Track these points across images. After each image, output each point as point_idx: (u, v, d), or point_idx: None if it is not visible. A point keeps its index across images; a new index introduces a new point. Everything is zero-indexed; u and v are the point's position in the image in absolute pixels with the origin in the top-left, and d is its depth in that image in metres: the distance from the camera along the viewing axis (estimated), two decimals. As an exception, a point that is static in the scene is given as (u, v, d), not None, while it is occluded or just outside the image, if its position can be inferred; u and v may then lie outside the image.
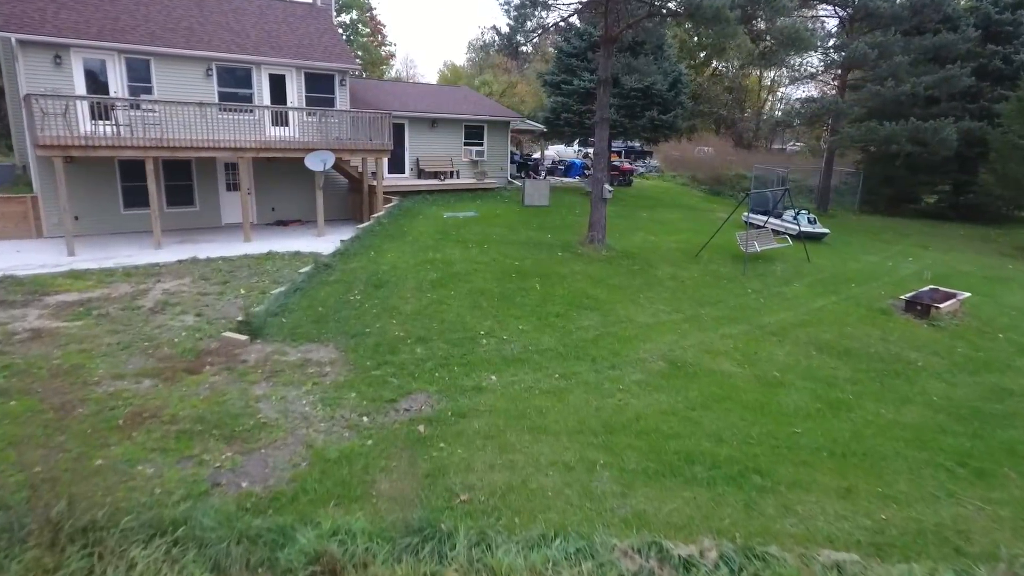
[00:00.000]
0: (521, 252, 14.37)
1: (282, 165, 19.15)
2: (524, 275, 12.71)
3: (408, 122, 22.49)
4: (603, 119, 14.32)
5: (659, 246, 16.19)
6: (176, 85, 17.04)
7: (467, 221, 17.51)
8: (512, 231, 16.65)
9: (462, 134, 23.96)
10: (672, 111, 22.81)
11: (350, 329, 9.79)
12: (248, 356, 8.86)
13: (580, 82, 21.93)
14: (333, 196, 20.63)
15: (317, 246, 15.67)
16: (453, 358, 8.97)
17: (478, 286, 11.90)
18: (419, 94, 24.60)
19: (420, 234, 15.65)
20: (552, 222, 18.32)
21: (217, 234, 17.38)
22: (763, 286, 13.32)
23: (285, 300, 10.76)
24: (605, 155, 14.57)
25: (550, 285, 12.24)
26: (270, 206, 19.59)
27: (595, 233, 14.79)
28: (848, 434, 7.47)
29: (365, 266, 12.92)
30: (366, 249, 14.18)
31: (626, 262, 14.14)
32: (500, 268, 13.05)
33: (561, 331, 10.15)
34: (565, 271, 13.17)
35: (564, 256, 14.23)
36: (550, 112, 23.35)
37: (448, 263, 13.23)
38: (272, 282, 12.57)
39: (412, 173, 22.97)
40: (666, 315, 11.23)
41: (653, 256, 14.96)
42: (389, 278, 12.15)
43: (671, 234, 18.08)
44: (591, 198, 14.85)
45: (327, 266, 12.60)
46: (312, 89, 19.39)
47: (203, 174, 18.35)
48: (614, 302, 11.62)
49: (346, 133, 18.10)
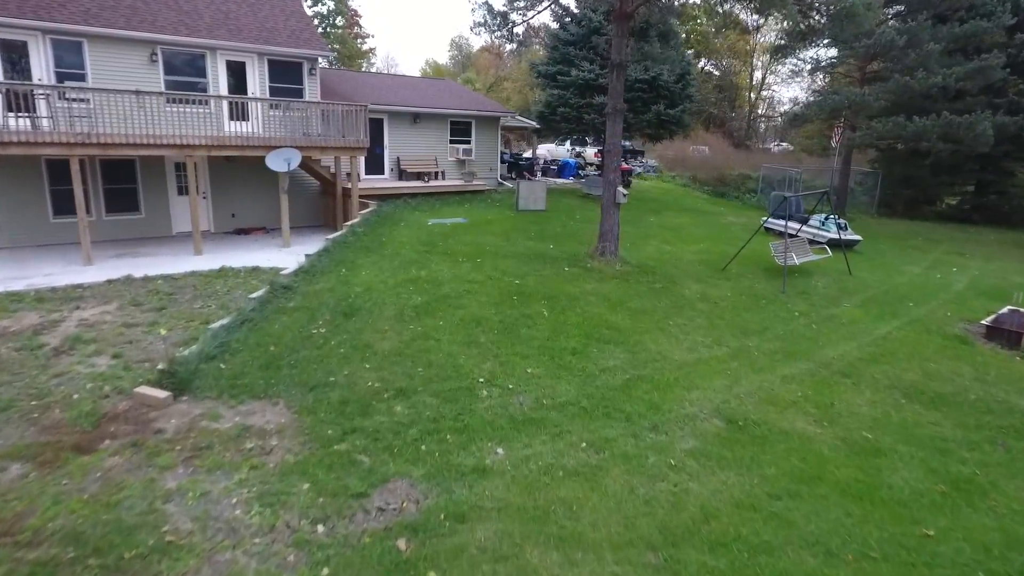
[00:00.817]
0: (521, 267, 12.17)
1: (243, 165, 16.75)
2: (527, 297, 10.50)
3: (387, 117, 20.17)
4: (616, 110, 12.17)
5: (678, 257, 14.08)
6: (115, 72, 14.60)
7: (455, 229, 15.26)
8: (508, 241, 14.43)
9: (448, 131, 21.70)
10: (679, 105, 20.77)
11: (309, 378, 7.50)
12: (166, 422, 6.56)
13: (579, 73, 19.78)
14: (303, 200, 18.27)
15: (280, 260, 13.33)
16: (444, 420, 6.73)
17: (473, 313, 9.67)
18: (399, 87, 22.30)
19: (401, 245, 13.38)
20: (552, 229, 16.13)
21: (164, 246, 14.95)
22: (810, 307, 11.25)
23: (227, 336, 8.44)
24: (617, 152, 12.43)
25: (560, 310, 10.05)
26: (229, 212, 17.18)
27: (607, 244, 12.63)
28: (998, 537, 5.36)
29: (334, 287, 10.63)
30: (336, 265, 11.88)
31: (645, 279, 11.99)
32: (498, 289, 10.84)
33: (581, 375, 7.95)
34: (576, 291, 10.98)
35: (572, 272, 12.04)
36: (544, 106, 21.16)
37: (435, 282, 10.98)
38: (220, 307, 10.27)
39: (392, 174, 20.66)
40: (706, 349, 9.08)
41: (675, 270, 12.83)
42: (363, 303, 9.88)
43: (687, 242, 15.99)
44: (602, 203, 12.69)
45: (286, 288, 10.29)
46: (277, 79, 17.02)
47: (150, 176, 15.90)
48: (640, 332, 9.45)
49: (316, 128, 15.76)
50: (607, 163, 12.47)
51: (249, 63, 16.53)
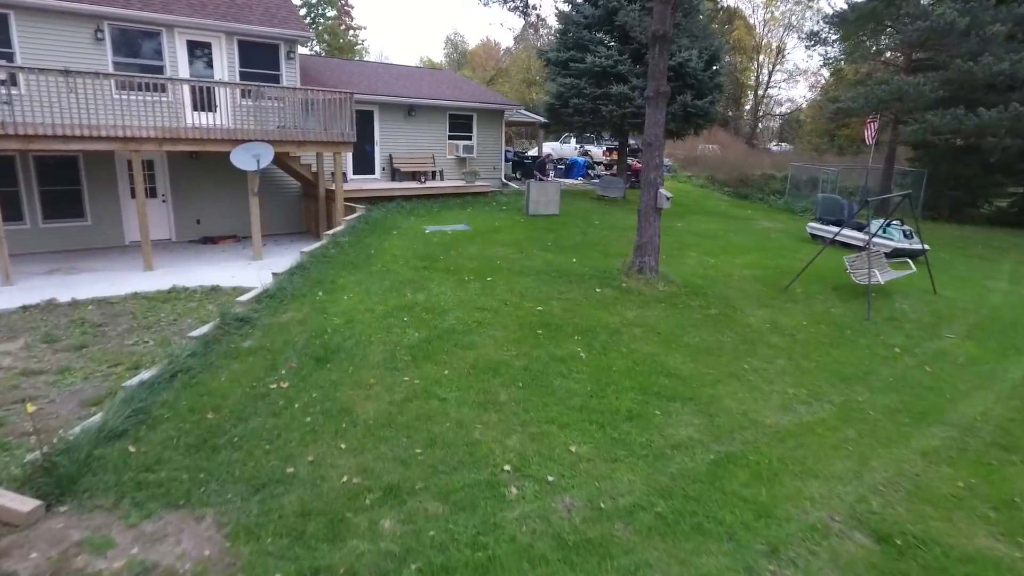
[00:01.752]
0: (542, 288, 9.82)
1: (210, 164, 14.37)
2: (556, 331, 8.16)
3: (378, 109, 17.80)
4: (659, 93, 9.83)
5: (727, 273, 11.75)
6: (51, 52, 12.20)
7: (458, 238, 12.91)
8: (522, 253, 12.08)
9: (446, 125, 19.34)
10: (708, 96, 18.47)
11: (256, 469, 5.13)
12: (21, 559, 4.18)
13: (595, 59, 17.42)
14: (281, 204, 15.88)
15: (247, 277, 10.95)
16: (457, 547, 4.37)
17: (487, 356, 7.31)
18: (392, 76, 19.93)
19: (394, 260, 11.01)
20: (570, 238, 13.79)
21: (112, 259, 12.53)
22: (908, 340, 8.94)
23: (149, 398, 6.05)
24: (659, 145, 10.09)
25: (600, 350, 7.70)
26: (194, 218, 14.78)
27: (646, 258, 10.30)
28: None
29: (306, 319, 8.25)
30: (311, 287, 9.49)
31: (697, 302, 9.67)
32: (516, 319, 8.48)
33: (646, 454, 5.61)
34: (615, 322, 8.64)
35: (606, 294, 9.71)
36: (555, 98, 18.79)
37: (436, 310, 8.62)
38: (160, 343, 7.93)
39: (384, 174, 18.29)
40: (804, 406, 6.75)
41: (728, 290, 10.50)
42: (342, 342, 7.51)
43: (730, 253, 13.67)
44: (639, 208, 10.35)
45: (242, 321, 7.89)
46: (249, 63, 14.64)
47: (97, 175, 13.49)
48: (710, 382, 7.12)
49: (294, 119, 13.38)
50: (647, 158, 10.13)
51: (215, 44, 14.14)
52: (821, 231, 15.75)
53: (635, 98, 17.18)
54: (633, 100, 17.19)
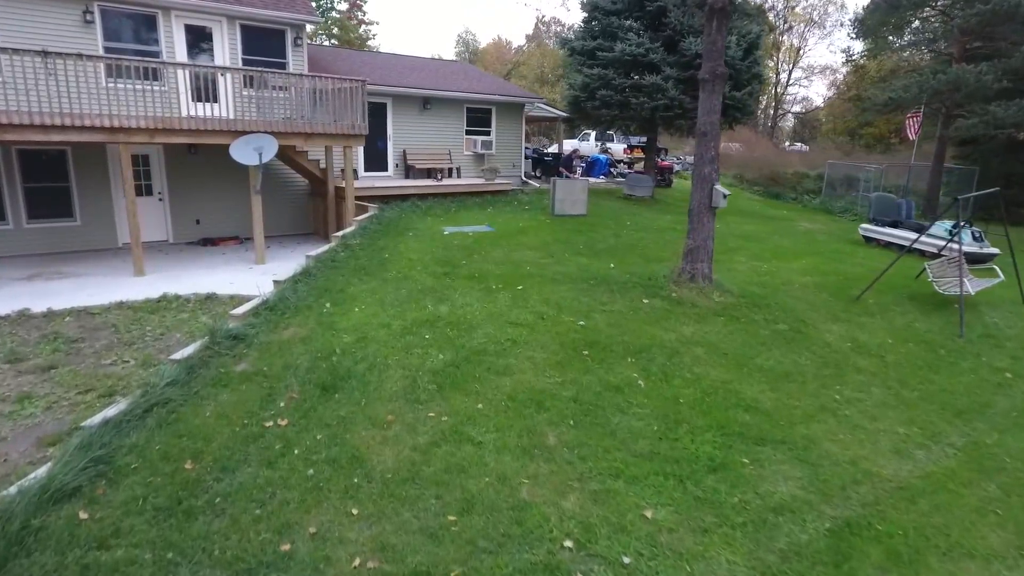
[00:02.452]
0: (581, 298, 8.58)
1: (211, 159, 13.26)
2: (604, 352, 6.91)
3: (391, 102, 16.62)
4: (717, 75, 8.56)
5: (786, 281, 10.45)
6: (34, 35, 11.10)
7: (480, 240, 11.69)
8: (552, 257, 10.83)
9: (463, 119, 18.13)
10: (747, 86, 17.13)
11: (242, 548, 3.92)
12: None
13: (625, 46, 16.12)
14: (287, 203, 14.74)
15: (248, 283, 9.80)
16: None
17: (527, 384, 6.07)
18: (405, 67, 18.75)
19: (411, 265, 9.80)
20: (603, 240, 12.53)
21: (101, 263, 11.42)
22: (1013, 361, 7.62)
23: (115, 440, 4.86)
24: (715, 135, 8.82)
25: (660, 375, 6.44)
26: (193, 217, 13.65)
27: (698, 265, 9.03)
28: None
29: (311, 336, 7.04)
30: (318, 296, 8.30)
31: (760, 315, 8.38)
32: (556, 335, 7.24)
33: (743, 524, 4.35)
34: (671, 339, 7.38)
35: (655, 305, 8.44)
36: (580, 90, 17.51)
37: (462, 326, 7.39)
38: (142, 364, 6.79)
39: (397, 171, 17.11)
40: (922, 450, 5.46)
41: (792, 301, 9.21)
42: (352, 366, 6.29)
43: (782, 258, 12.35)
44: (691, 208, 9.09)
45: (236, 339, 6.69)
46: (253, 49, 13.50)
47: (88, 171, 12.39)
48: (799, 417, 5.84)
49: (300, 110, 12.22)
50: (701, 150, 8.86)
51: (216, 29, 13.00)
52: (876, 233, 14.40)
53: (668, 89, 15.89)
54: (666, 91, 15.90)
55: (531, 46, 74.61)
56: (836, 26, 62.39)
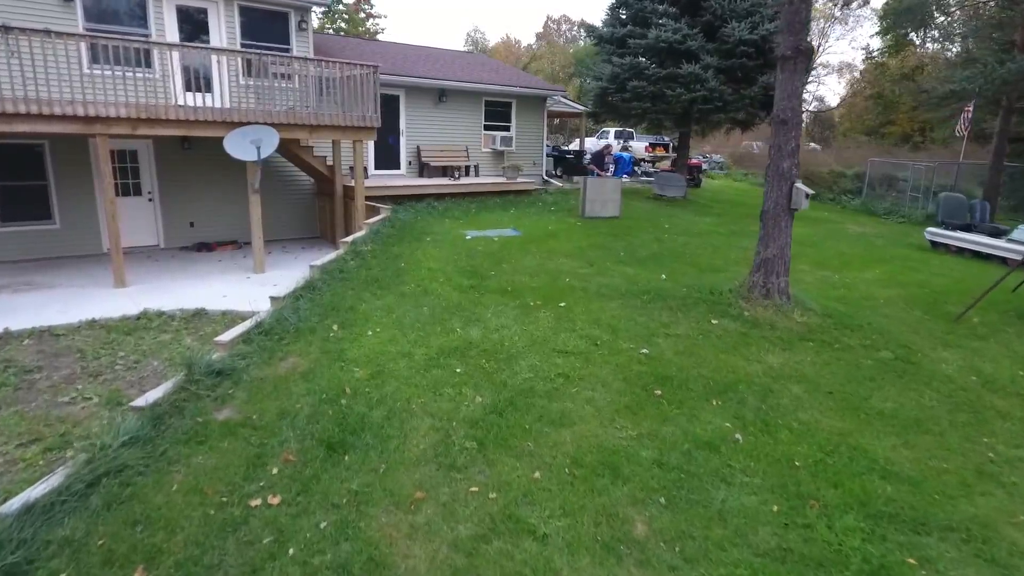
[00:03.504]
0: (635, 317, 7.18)
1: (207, 154, 11.96)
2: (680, 390, 5.51)
3: (404, 93, 15.27)
4: (800, 51, 7.14)
5: (865, 295, 9.02)
6: (9, 16, 9.80)
7: (507, 246, 10.31)
8: (593, 266, 9.44)
9: (481, 113, 16.77)
10: (793, 76, 15.68)
11: None
12: None
13: (660, 33, 14.71)
14: (291, 204, 13.42)
15: (245, 296, 8.48)
16: None
17: (593, 439, 4.68)
18: (419, 57, 17.40)
19: (431, 276, 8.43)
20: (645, 247, 11.12)
21: (82, 271, 10.12)
22: None
23: (38, 533, 3.50)
24: (796, 123, 7.38)
25: (759, 424, 5.03)
26: (187, 220, 12.34)
27: (773, 278, 7.61)
28: None
29: (313, 369, 5.67)
30: (323, 315, 6.93)
31: (854, 339, 6.96)
32: (617, 368, 5.85)
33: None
34: (756, 372, 5.98)
35: (726, 327, 7.03)
36: (609, 81, 16.08)
37: (500, 355, 6.01)
38: (107, 401, 5.48)
39: (410, 168, 15.76)
40: None
41: (882, 320, 7.78)
42: (367, 412, 4.92)
43: (850, 267, 10.91)
44: (764, 210, 7.69)
45: (219, 375, 5.32)
46: (253, 34, 12.19)
47: (69, 169, 11.10)
48: (955, 487, 4.43)
49: (304, 99, 10.89)
50: (780, 141, 7.42)
51: (212, 11, 11.68)
52: (946, 238, 12.93)
53: (707, 79, 14.46)
54: (706, 81, 14.47)
55: (541, 44, 73.37)
56: (856, 23, 60.82)
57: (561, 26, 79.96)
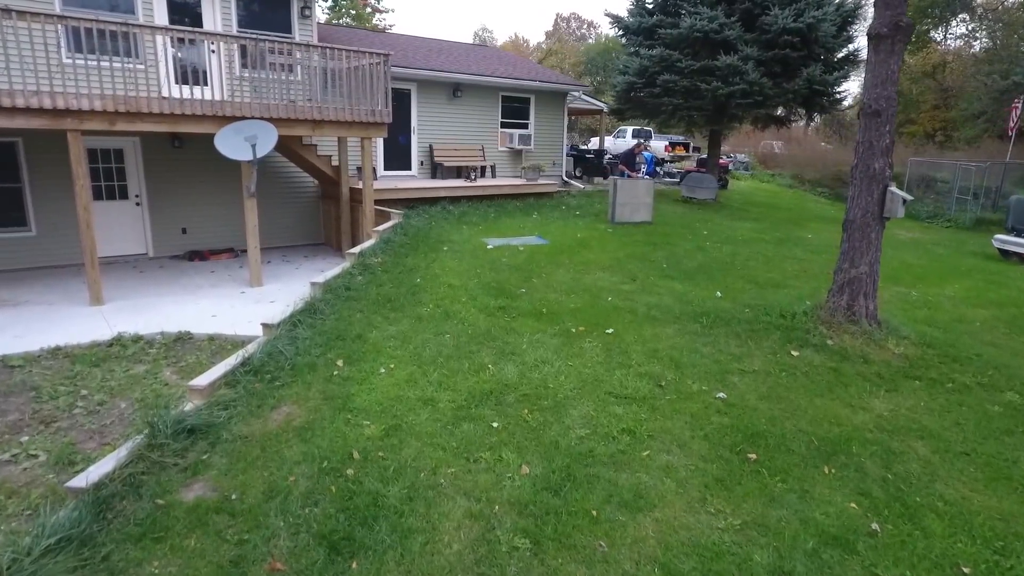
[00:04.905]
0: (700, 348, 5.99)
1: (200, 154, 10.87)
2: (778, 452, 4.32)
3: (416, 88, 14.11)
4: (900, 28, 5.93)
5: (954, 315, 7.82)
6: (-29, -4, 8.65)
7: (535, 257, 9.13)
8: (635, 281, 8.25)
9: (498, 109, 15.60)
10: (839, 69, 14.43)
11: None
12: None
13: (695, 21, 13.48)
14: (293, 208, 12.30)
15: (238, 314, 7.34)
16: None
17: (683, 535, 3.48)
18: (431, 50, 16.24)
19: (452, 293, 7.25)
20: (689, 258, 9.92)
21: (55, 285, 9.01)
22: None
23: None
24: (891, 114, 6.16)
25: (897, 509, 3.84)
26: (178, 226, 11.22)
27: (861, 301, 6.42)
28: None
29: (312, 423, 4.50)
30: (326, 347, 5.75)
31: (967, 376, 5.76)
32: (691, 420, 4.66)
33: None
34: (865, 423, 4.79)
35: (809, 360, 5.83)
36: (637, 75, 14.86)
37: (543, 402, 4.83)
38: (54, 462, 4.34)
39: (422, 169, 14.60)
40: None
41: (988, 349, 6.58)
42: (380, 491, 3.74)
43: (924, 280, 9.67)
44: (848, 219, 6.50)
45: (191, 434, 4.15)
46: (252, 21, 11.08)
47: (46, 169, 10.00)
48: None
49: (307, 91, 9.75)
50: (872, 136, 6.19)
51: (206, -5, 10.55)
52: (1018, 247, 11.67)
53: (747, 71, 13.22)
54: (745, 74, 13.23)
55: (552, 42, 72.12)
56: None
57: (571, 24, 78.82)
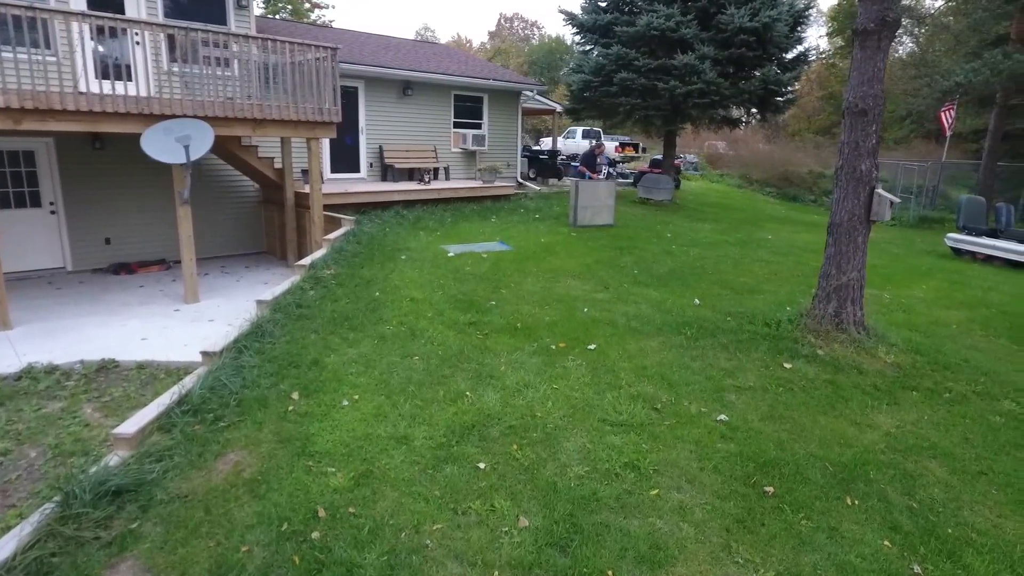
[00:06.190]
0: (689, 363, 5.59)
1: (125, 156, 9.83)
2: (794, 483, 3.93)
3: (364, 85, 13.33)
4: (886, 23, 5.67)
5: (931, 318, 7.72)
6: None
7: (500, 264, 8.59)
8: (609, 289, 7.82)
9: (451, 109, 14.98)
10: (793, 68, 14.48)
11: None
12: None
13: (652, 19, 13.23)
14: (233, 214, 11.36)
15: (171, 339, 6.48)
16: None
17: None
18: (379, 47, 15.47)
19: (416, 308, 6.62)
20: (658, 262, 9.58)
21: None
22: None
23: None
24: (878, 113, 5.92)
25: (934, 544, 3.49)
26: (101, 236, 10.15)
27: (848, 307, 6.17)
28: None
29: (265, 473, 3.80)
30: (277, 376, 5.04)
31: (961, 385, 5.56)
32: (696, 448, 4.23)
33: None
34: (873, 443, 4.47)
35: (803, 373, 5.52)
36: (593, 74, 14.53)
37: (532, 435, 4.28)
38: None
39: (372, 171, 13.83)
40: None
41: (974, 354, 6.44)
42: (353, 562, 3.10)
43: (891, 282, 9.62)
44: (834, 223, 6.25)
45: (115, 498, 3.39)
46: (181, 11, 10.12)
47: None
48: None
49: (247, 87, 8.90)
50: (858, 136, 5.92)
51: (128, -20, 9.53)
52: (970, 245, 11.89)
53: (704, 70, 13.07)
54: (702, 73, 13.07)
55: (496, 43, 71.67)
56: (807, 23, 61.38)
57: (515, 24, 78.62)
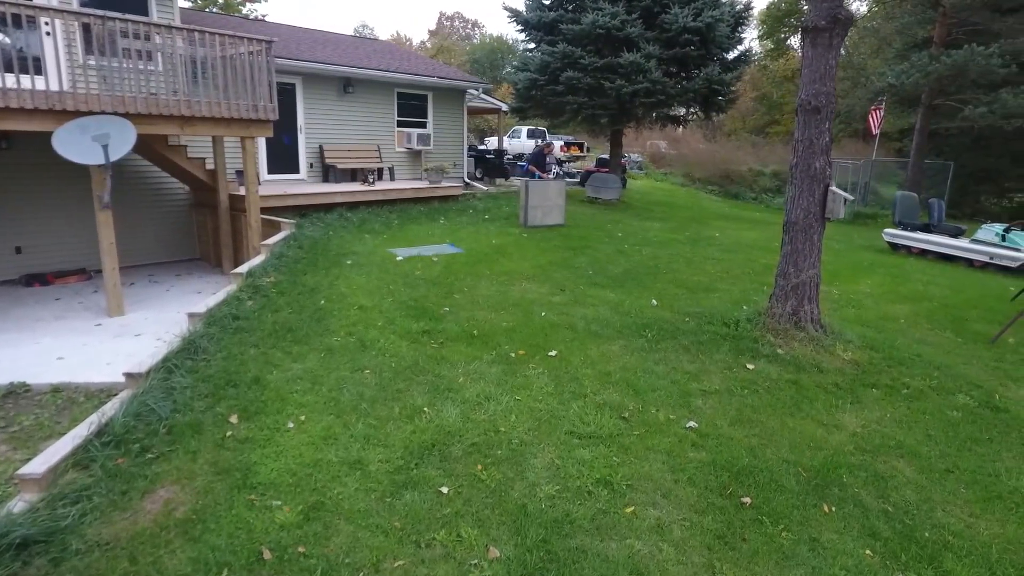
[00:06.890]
0: (652, 367, 5.44)
1: (36, 156, 8.98)
2: (768, 491, 3.80)
3: (302, 82, 12.72)
4: (838, 20, 5.66)
5: (880, 313, 7.84)
6: None
7: (451, 268, 8.27)
8: (564, 291, 7.62)
9: (394, 107, 14.51)
10: (735, 68, 14.69)
11: None
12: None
13: (597, 17, 13.15)
14: (160, 218, 10.60)
15: (91, 357, 5.85)
16: None
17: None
18: (318, 42, 14.84)
19: (364, 318, 6.23)
20: (612, 262, 9.46)
21: None
22: None
23: None
24: (830, 112, 5.92)
25: (914, 551, 3.41)
26: (10, 244, 9.26)
27: (805, 305, 6.16)
28: None
29: (200, 511, 3.37)
30: (214, 398, 4.57)
31: (917, 379, 5.61)
32: (667, 459, 4.06)
33: None
34: (841, 444, 4.42)
35: (766, 373, 5.45)
36: (538, 72, 14.35)
37: (497, 452, 4.00)
38: None
39: (312, 173, 13.23)
40: None
41: (924, 348, 6.55)
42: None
43: (837, 278, 9.76)
44: (789, 221, 6.21)
45: (23, 549, 2.90)
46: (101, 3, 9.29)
47: None
48: None
49: (173, 82, 8.26)
50: (811, 134, 5.92)
51: (35, -37, 8.66)
52: (906, 240, 12.34)
53: (650, 69, 13.09)
54: (648, 72, 13.09)
55: (436, 41, 70.93)
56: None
57: (455, 23, 78.08)
